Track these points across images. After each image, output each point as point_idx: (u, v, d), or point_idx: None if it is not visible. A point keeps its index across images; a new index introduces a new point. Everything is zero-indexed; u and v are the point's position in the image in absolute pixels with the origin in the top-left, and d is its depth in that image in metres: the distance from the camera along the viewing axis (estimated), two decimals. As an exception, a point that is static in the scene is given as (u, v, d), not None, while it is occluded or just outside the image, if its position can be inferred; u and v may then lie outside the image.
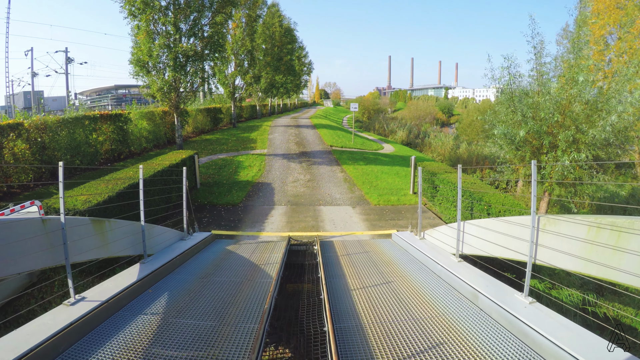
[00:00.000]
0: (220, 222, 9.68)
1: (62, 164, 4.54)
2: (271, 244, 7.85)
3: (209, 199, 11.70)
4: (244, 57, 26.97)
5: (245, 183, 13.39)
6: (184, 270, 6.51)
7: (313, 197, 12.09)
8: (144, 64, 16.54)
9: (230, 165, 15.77)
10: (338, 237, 8.73)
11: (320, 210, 10.85)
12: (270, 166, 15.98)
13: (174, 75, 16.57)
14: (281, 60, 38.48)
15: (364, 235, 8.97)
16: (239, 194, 12.09)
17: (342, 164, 16.96)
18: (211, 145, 20.16)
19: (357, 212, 10.80)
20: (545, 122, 10.73)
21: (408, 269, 6.49)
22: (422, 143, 38.63)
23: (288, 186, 13.28)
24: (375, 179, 14.81)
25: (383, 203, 11.79)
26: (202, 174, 14.44)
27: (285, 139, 23.06)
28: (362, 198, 12.26)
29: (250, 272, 6.36)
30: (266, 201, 11.60)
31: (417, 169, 13.32)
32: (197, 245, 7.55)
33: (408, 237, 8.16)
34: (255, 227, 9.33)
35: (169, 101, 17.53)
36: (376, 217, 10.37)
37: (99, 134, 15.69)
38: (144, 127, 18.88)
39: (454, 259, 6.42)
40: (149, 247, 6.57)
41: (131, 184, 8.16)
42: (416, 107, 73.48)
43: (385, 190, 13.30)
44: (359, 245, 7.97)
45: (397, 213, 10.98)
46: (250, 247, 7.70)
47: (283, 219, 9.91)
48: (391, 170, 16.81)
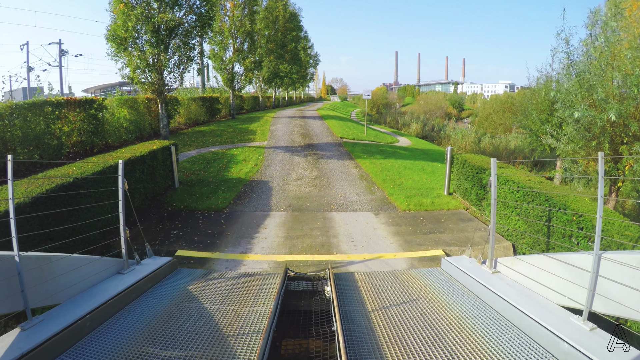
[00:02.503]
0: (194, 237, 6.94)
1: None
2: (258, 278, 5.07)
3: (186, 202, 8.97)
4: (242, 40, 24.13)
5: (236, 181, 10.63)
6: (101, 337, 3.76)
7: (322, 200, 9.28)
8: (121, 40, 13.87)
9: (221, 159, 13.03)
10: (359, 262, 5.92)
11: (331, 218, 8.04)
12: (269, 160, 13.20)
13: (153, 52, 13.85)
14: (285, 48, 35.55)
15: (397, 259, 6.15)
16: (226, 196, 9.33)
17: (356, 158, 14.09)
18: (203, 137, 17.45)
19: (381, 221, 7.96)
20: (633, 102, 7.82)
21: (495, 337, 3.66)
22: (437, 136, 35.70)
23: (290, 185, 10.49)
24: (398, 175, 11.93)
25: (414, 208, 8.93)
26: (185, 170, 11.74)
27: (289, 130, 20.24)
28: (386, 201, 9.41)
29: (217, 341, 3.60)
30: (260, 205, 8.82)
31: (454, 164, 10.45)
32: (140, 282, 4.80)
33: (470, 268, 5.32)
34: (240, 245, 6.55)
35: (150, 85, 14.85)
36: (409, 229, 7.53)
37: (65, 123, 13.05)
38: (124, 116, 16.21)
39: (580, 323, 3.56)
40: (49, 294, 3.85)
41: (52, 187, 5.41)
42: (426, 101, 70.63)
43: (413, 190, 10.44)
44: (395, 280, 5.16)
45: (436, 222, 8.13)
46: (226, 284, 4.94)
47: (280, 232, 7.12)
48: (415, 165, 13.92)
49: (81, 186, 5.95)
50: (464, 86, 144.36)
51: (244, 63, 24.00)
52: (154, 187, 9.11)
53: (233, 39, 23.85)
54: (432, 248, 6.78)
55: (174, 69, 15.07)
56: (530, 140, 16.58)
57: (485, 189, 8.85)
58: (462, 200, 9.93)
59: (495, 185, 5.24)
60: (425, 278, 5.29)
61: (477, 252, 6.20)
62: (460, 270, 5.42)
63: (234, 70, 24.20)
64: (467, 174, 9.64)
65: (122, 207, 5.03)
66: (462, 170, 9.92)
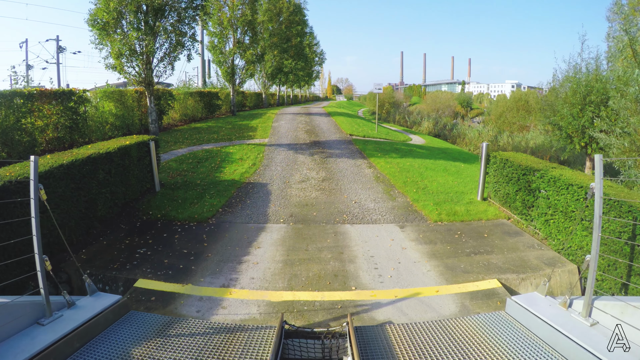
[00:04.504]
0: (164, 259, 5.22)
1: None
2: (240, 337, 3.32)
3: (165, 209, 7.29)
4: (243, 31, 22.46)
5: (228, 184, 8.92)
6: None
7: (332, 208, 7.53)
8: (104, 25, 12.29)
9: (214, 158, 11.33)
10: (389, 304, 4.15)
11: (345, 233, 6.27)
12: (269, 159, 11.47)
13: (138, 37, 12.22)
14: (289, 42, 33.85)
15: (441, 296, 4.36)
16: (214, 202, 7.62)
17: (369, 157, 12.31)
18: (198, 134, 15.79)
19: (410, 236, 6.18)
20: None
21: None
22: (450, 135, 33.76)
23: (292, 189, 8.76)
24: (420, 177, 10.14)
25: (447, 218, 7.14)
26: (171, 170, 10.06)
27: (294, 126, 18.50)
28: (411, 209, 7.63)
29: None
30: (254, 215, 7.09)
31: (490, 163, 8.64)
32: (66, 340, 3.10)
33: (553, 316, 3.56)
34: (221, 273, 4.81)
35: (138, 75, 13.24)
36: (448, 248, 5.74)
37: (38, 118, 11.45)
38: (110, 110, 14.59)
39: None
40: None
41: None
42: (434, 100, 68.67)
43: (441, 195, 8.64)
44: (446, 337, 3.38)
45: (478, 237, 6.34)
46: (190, 347, 3.20)
47: (278, 254, 5.36)
48: (436, 165, 12.11)
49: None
50: (471, 86, 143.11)
51: (244, 55, 22.32)
52: (126, 191, 7.43)
53: (233, 30, 22.20)
54: (484, 277, 4.99)
55: (164, 57, 13.46)
56: (559, 138, 14.65)
57: (533, 194, 7.02)
58: (501, 208, 8.13)
59: (601, 195, 3.44)
60: (489, 333, 3.52)
61: (544, 284, 4.42)
62: (539, 320, 3.65)
63: (234, 63, 22.55)
64: (509, 176, 7.83)
65: (35, 226, 3.32)
66: (502, 171, 8.11)
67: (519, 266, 5.58)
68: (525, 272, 5.48)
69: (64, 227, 5.72)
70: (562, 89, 13.58)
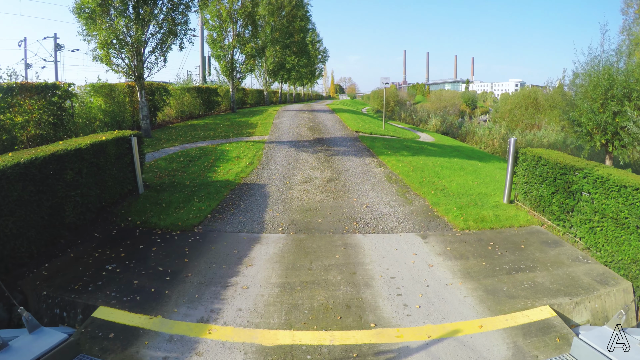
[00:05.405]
0: (133, 280, 4.21)
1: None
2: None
3: (147, 215, 6.29)
4: (243, 24, 21.44)
5: (221, 185, 7.91)
6: None
7: (339, 213, 6.49)
8: (91, 12, 11.35)
9: (208, 156, 10.33)
10: (420, 349, 3.10)
11: (357, 245, 5.21)
12: (269, 157, 10.45)
13: (127, 25, 11.25)
14: (292, 38, 32.78)
15: (485, 334, 3.31)
16: (203, 206, 6.61)
17: (378, 155, 11.25)
18: (194, 130, 14.81)
19: (436, 249, 5.12)
20: None
21: None
22: (458, 133, 32.62)
23: (294, 191, 7.73)
24: (437, 177, 9.08)
25: (475, 225, 6.08)
26: (160, 170, 9.07)
27: (296, 123, 17.46)
28: (431, 214, 6.57)
29: None
30: (248, 222, 6.06)
31: (518, 161, 7.57)
32: None
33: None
34: (201, 301, 3.77)
35: (127, 68, 12.28)
36: (483, 265, 4.69)
37: (17, 113, 10.50)
38: (99, 106, 13.63)
39: None
40: None
41: None
42: (439, 98, 67.59)
43: (463, 197, 7.58)
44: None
45: (514, 249, 5.28)
46: None
47: (274, 276, 4.31)
48: (452, 164, 11.03)
49: None
50: (474, 85, 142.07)
51: (244, 49, 21.29)
52: (101, 194, 6.43)
53: (232, 22, 21.18)
54: (533, 303, 3.94)
55: (155, 48, 12.48)
56: (579, 135, 13.48)
57: (573, 196, 5.95)
58: (531, 212, 7.07)
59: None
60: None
61: (620, 316, 3.38)
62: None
63: (234, 57, 21.54)
64: (543, 175, 6.76)
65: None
66: (535, 170, 7.03)
67: (569, 286, 4.53)
68: (578, 294, 4.43)
69: (20, 238, 4.76)
70: (582, 82, 12.42)
